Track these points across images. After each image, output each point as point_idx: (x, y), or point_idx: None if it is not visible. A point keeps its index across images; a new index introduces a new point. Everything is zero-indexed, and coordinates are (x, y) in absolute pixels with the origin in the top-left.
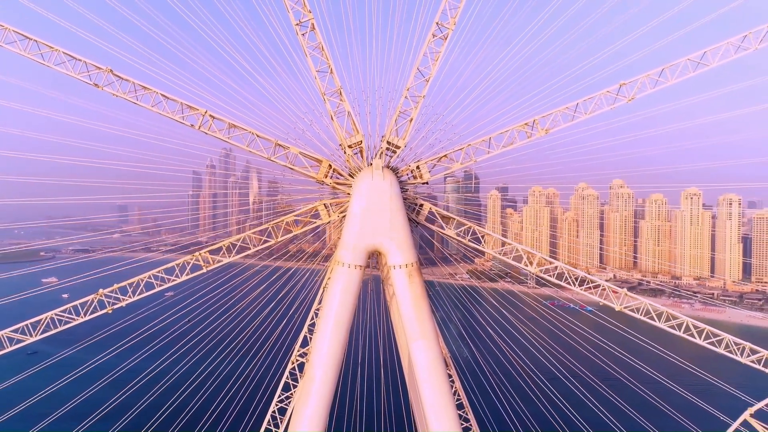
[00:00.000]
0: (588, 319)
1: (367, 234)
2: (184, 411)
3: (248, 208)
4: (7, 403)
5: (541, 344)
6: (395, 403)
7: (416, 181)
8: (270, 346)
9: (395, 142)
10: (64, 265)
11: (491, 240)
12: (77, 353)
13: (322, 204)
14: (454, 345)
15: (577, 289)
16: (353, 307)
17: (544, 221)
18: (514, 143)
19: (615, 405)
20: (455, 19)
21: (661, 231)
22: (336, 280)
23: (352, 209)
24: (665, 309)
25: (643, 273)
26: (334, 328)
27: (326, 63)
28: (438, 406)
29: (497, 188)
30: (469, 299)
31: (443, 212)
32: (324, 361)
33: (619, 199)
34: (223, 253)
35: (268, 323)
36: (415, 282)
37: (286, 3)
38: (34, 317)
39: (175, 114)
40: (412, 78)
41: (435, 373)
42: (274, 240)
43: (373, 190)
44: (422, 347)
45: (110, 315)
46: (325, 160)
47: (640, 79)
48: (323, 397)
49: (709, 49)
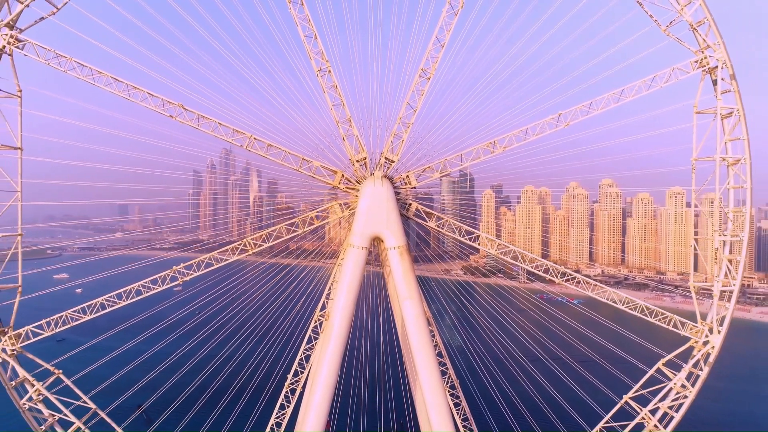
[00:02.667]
0: (571, 310)
1: (371, 225)
2: (209, 389)
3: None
4: None
5: (527, 332)
6: (392, 361)
7: (406, 186)
8: (280, 332)
9: (391, 157)
10: (74, 263)
11: (473, 233)
12: (104, 341)
13: (337, 203)
14: (448, 334)
15: (558, 280)
16: (361, 277)
17: (536, 220)
18: (480, 158)
19: (588, 381)
20: (435, 65)
21: (648, 229)
22: (348, 258)
23: (359, 207)
24: (625, 296)
25: (630, 269)
26: (347, 291)
27: (339, 98)
28: (421, 345)
29: (492, 187)
30: (463, 293)
31: (425, 209)
32: (341, 314)
33: (607, 197)
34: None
35: (278, 312)
36: (405, 259)
37: (308, 52)
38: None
39: (227, 136)
40: (404, 109)
41: (419, 323)
42: (300, 230)
43: (374, 193)
44: (409, 305)
45: (127, 309)
46: (339, 171)
47: (573, 110)
48: (340, 337)
49: (626, 87)
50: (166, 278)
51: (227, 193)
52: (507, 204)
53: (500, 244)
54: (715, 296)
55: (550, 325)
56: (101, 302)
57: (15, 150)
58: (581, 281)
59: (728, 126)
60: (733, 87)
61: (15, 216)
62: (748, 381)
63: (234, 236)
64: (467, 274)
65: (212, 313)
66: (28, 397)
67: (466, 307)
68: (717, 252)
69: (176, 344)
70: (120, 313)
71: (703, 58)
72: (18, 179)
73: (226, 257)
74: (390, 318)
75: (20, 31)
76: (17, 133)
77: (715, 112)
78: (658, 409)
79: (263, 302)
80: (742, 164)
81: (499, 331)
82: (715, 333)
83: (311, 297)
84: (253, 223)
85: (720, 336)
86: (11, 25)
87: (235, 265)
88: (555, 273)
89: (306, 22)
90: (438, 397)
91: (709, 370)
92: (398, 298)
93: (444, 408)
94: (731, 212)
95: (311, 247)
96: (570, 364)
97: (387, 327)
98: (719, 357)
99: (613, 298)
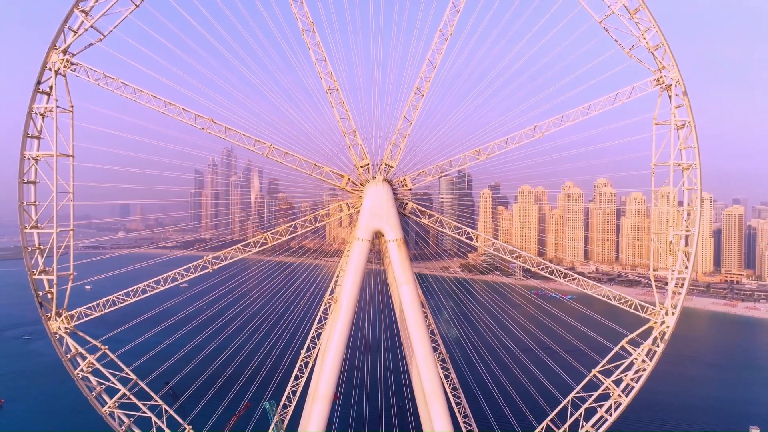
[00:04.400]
0: (563, 304)
1: (373, 221)
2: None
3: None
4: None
5: (520, 325)
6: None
7: (404, 188)
8: (288, 323)
9: (390, 163)
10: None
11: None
12: (120, 334)
13: (344, 203)
14: (445, 327)
15: (555, 277)
16: (364, 265)
17: (533, 218)
18: (467, 164)
19: (568, 364)
20: (428, 84)
21: (641, 227)
22: (354, 249)
23: (363, 206)
24: (608, 290)
25: (623, 266)
26: (353, 277)
27: (345, 113)
28: (415, 322)
29: (489, 186)
30: (461, 290)
31: (420, 207)
32: (348, 296)
33: (602, 197)
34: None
35: (284, 306)
36: (402, 249)
37: (319, 73)
38: None
39: (251, 145)
40: (401, 122)
41: (414, 304)
42: (312, 226)
43: (376, 194)
44: (406, 289)
45: (138, 305)
46: (346, 175)
47: (547, 122)
48: (347, 316)
49: (593, 102)
50: (197, 267)
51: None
52: (505, 203)
53: (484, 238)
54: (669, 283)
55: (540, 318)
56: (142, 287)
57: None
58: (554, 270)
59: (682, 135)
60: (685, 102)
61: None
62: (729, 370)
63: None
64: (465, 271)
65: (221, 308)
66: (80, 368)
67: (464, 302)
68: (671, 245)
69: (191, 336)
70: (131, 310)
71: (660, 77)
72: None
73: (249, 249)
74: (389, 313)
75: (72, 56)
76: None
77: (671, 124)
78: (622, 380)
79: (270, 297)
80: (693, 168)
81: (494, 324)
82: (670, 315)
83: (316, 292)
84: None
85: (674, 317)
86: (65, 50)
87: (239, 264)
88: (532, 263)
89: (317, 48)
90: (430, 365)
91: (664, 346)
92: (396, 283)
93: (435, 375)
94: (685, 211)
95: (312, 245)
96: (555, 351)
97: (387, 325)
98: (703, 348)
99: (602, 292)
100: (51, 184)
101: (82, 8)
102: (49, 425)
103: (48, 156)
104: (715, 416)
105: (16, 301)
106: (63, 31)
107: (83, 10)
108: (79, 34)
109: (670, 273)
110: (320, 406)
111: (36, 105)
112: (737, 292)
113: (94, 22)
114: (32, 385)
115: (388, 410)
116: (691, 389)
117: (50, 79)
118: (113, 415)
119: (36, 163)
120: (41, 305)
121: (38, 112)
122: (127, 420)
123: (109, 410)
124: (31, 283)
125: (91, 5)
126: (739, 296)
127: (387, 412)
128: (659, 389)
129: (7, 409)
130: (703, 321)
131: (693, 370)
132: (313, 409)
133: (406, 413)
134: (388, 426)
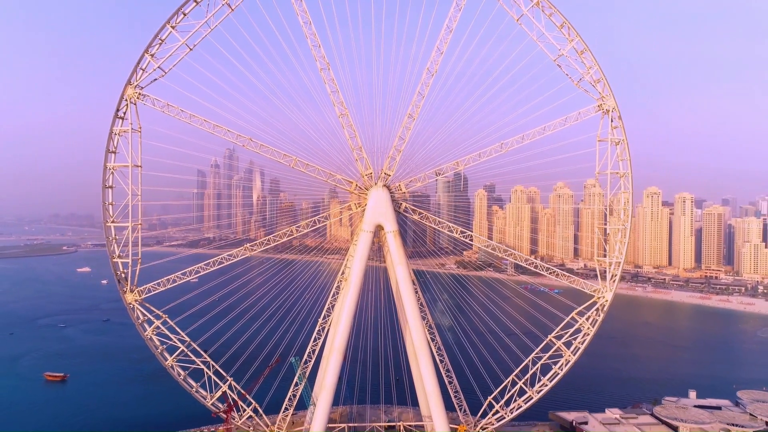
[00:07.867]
0: (551, 299)
1: (375, 216)
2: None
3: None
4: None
5: (507, 314)
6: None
7: (400, 192)
8: (300, 308)
9: (388, 172)
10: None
11: (455, 228)
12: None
13: (353, 203)
14: (440, 316)
15: (539, 271)
16: (368, 251)
17: (526, 218)
18: (448, 172)
19: (538, 338)
20: (419, 108)
21: None
22: (360, 239)
23: (368, 205)
24: (591, 283)
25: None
26: (360, 261)
27: (353, 132)
28: (408, 296)
29: (484, 187)
30: (456, 285)
31: (411, 206)
32: (356, 275)
33: (591, 197)
34: (297, 230)
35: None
36: (397, 238)
37: (333, 101)
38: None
39: (278, 158)
40: (397, 139)
41: (406, 281)
42: (328, 222)
43: (378, 197)
44: (400, 269)
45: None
46: (354, 182)
47: (511, 141)
48: (355, 290)
49: (548, 124)
50: (239, 254)
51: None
52: (499, 203)
53: (462, 231)
54: (608, 266)
55: (524, 307)
56: (195, 269)
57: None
58: (537, 265)
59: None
60: (620, 125)
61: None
62: (698, 351)
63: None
64: (460, 267)
65: (236, 300)
66: (147, 332)
67: (458, 296)
68: (609, 237)
69: (220, 317)
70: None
71: (601, 104)
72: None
73: (278, 238)
74: (390, 311)
75: (142, 89)
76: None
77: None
78: (572, 343)
79: (279, 290)
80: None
81: (485, 314)
82: (608, 290)
83: (322, 285)
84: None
85: (611, 293)
86: (137, 84)
87: (245, 262)
88: (520, 259)
89: (332, 82)
90: (418, 325)
91: (604, 316)
92: (392, 265)
93: (421, 332)
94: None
95: (313, 243)
96: (530, 330)
97: (387, 323)
98: (681, 336)
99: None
100: (126, 188)
101: (151, 53)
102: (96, 397)
103: (124, 167)
104: (665, 386)
105: (43, 295)
106: (136, 71)
107: (151, 53)
108: (149, 72)
109: (608, 259)
110: (336, 356)
111: (115, 128)
112: (713, 287)
113: (161, 64)
114: (86, 362)
115: (388, 384)
116: (671, 366)
117: (125, 107)
118: (173, 368)
119: (113, 173)
120: (119, 282)
121: (116, 133)
122: (183, 372)
123: (170, 364)
124: (111, 265)
125: (156, 49)
126: (714, 290)
127: (387, 385)
128: (624, 368)
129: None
130: (681, 312)
131: (662, 351)
132: (331, 359)
133: (403, 386)
134: (387, 397)
